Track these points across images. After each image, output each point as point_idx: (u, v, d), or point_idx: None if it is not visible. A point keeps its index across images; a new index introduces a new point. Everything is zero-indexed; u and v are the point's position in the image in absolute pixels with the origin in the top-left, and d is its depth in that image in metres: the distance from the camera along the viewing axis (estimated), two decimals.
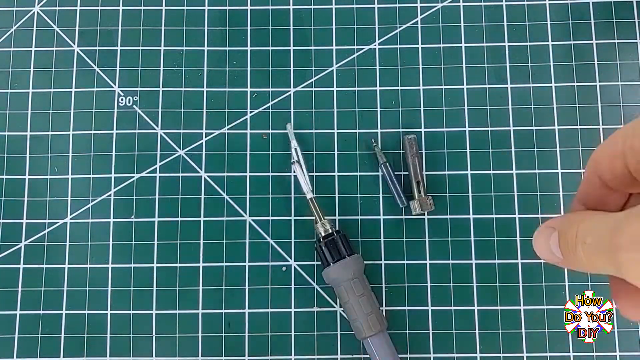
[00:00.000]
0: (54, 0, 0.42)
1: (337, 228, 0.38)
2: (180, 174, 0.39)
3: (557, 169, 0.39)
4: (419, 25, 0.41)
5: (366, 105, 0.39)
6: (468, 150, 0.39)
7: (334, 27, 0.41)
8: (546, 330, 0.37)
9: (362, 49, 0.41)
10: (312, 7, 0.41)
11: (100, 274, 0.38)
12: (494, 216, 0.38)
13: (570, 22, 0.41)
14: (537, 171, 0.39)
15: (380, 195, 0.39)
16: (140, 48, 0.41)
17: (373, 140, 0.39)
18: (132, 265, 0.38)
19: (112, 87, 0.40)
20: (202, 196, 0.39)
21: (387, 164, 0.38)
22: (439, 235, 0.38)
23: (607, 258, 0.17)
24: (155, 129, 0.40)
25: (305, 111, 0.40)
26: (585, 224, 0.19)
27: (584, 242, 0.18)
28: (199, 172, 0.39)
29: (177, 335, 0.37)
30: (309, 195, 0.36)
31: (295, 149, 0.37)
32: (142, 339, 0.37)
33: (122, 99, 0.40)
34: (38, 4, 0.41)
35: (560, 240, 0.19)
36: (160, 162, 0.39)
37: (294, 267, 0.38)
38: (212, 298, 0.38)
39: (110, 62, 0.41)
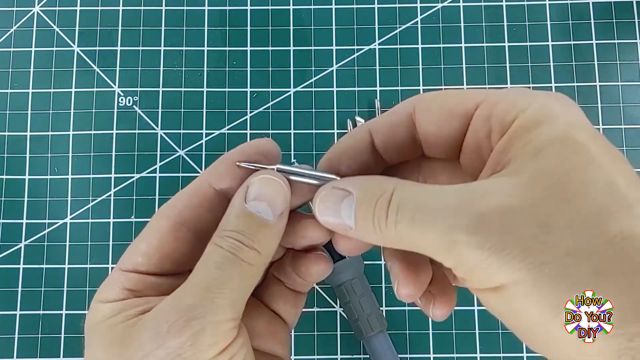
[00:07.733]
0: (54, 0, 0.41)
1: None
2: (180, 174, 0.39)
3: None
4: (419, 25, 0.41)
5: (366, 106, 0.39)
6: None
7: (334, 27, 0.41)
8: None
9: (362, 49, 0.40)
10: (312, 7, 0.41)
11: (100, 274, 0.38)
12: None
13: (570, 22, 0.41)
14: None
15: None
16: (140, 48, 0.41)
17: None
18: None
19: (112, 87, 0.40)
20: None
21: None
22: None
23: (437, 237, 0.14)
24: (155, 129, 0.40)
25: (305, 111, 0.40)
26: (405, 193, 0.16)
27: (410, 215, 0.15)
28: (199, 173, 0.39)
29: None
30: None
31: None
32: None
33: (122, 99, 0.40)
34: (38, 4, 0.41)
35: (358, 207, 0.16)
36: (160, 162, 0.39)
37: None
38: None
39: (110, 62, 0.41)
